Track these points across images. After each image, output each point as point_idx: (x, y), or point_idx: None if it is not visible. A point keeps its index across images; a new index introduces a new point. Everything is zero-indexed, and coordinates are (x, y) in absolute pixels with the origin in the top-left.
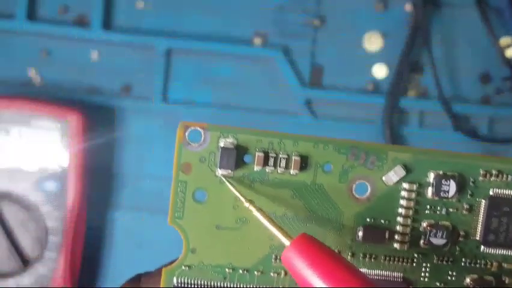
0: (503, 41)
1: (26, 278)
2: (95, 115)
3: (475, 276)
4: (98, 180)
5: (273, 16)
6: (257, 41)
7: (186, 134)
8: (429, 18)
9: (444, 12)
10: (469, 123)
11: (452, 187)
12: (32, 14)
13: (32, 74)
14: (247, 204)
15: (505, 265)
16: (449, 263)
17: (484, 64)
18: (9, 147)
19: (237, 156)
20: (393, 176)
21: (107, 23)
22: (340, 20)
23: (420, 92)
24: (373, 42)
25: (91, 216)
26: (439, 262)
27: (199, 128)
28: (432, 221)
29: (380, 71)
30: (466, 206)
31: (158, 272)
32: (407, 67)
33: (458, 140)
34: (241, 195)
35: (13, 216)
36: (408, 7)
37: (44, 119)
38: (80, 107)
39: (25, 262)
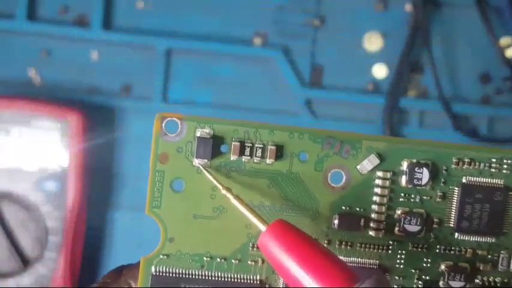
0: (503, 41)
1: (26, 278)
2: (95, 115)
3: (450, 263)
4: (98, 180)
5: (273, 16)
6: (257, 41)
7: (163, 124)
8: (429, 18)
9: (444, 12)
10: (469, 123)
11: (425, 175)
12: (32, 14)
13: (32, 74)
14: (224, 192)
15: (479, 252)
16: (424, 249)
17: (484, 64)
18: (9, 147)
19: (214, 145)
20: (367, 164)
21: (107, 23)
22: (340, 20)
23: (420, 92)
24: (373, 42)
25: (91, 216)
26: (414, 249)
27: (175, 119)
28: (407, 209)
29: (380, 71)
30: (439, 194)
31: (139, 263)
32: (407, 67)
33: (458, 140)
34: (219, 183)
35: (13, 216)
36: (408, 7)
37: (44, 119)
38: (80, 107)
39: (25, 262)
